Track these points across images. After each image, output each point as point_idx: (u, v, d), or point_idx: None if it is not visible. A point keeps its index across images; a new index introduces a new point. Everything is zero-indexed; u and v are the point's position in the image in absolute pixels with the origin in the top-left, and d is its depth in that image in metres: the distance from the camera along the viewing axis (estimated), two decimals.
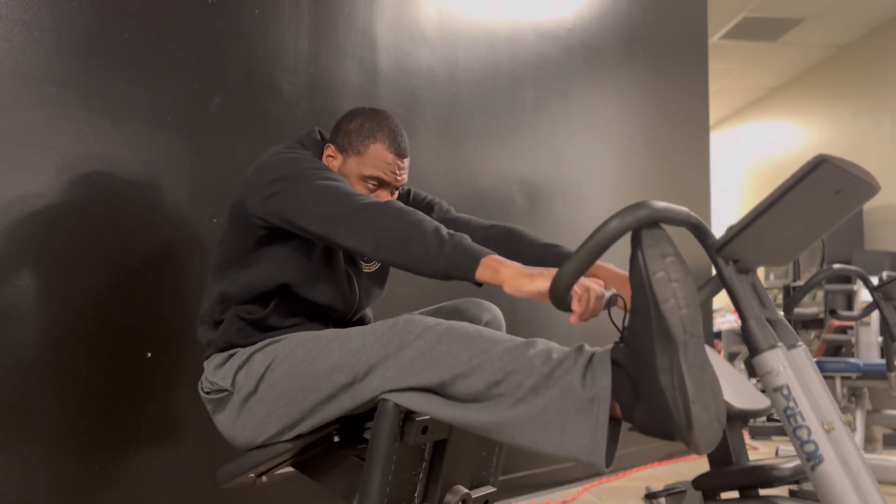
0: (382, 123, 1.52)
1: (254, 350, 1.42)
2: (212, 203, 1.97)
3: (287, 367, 1.35)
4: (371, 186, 1.50)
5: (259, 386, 1.38)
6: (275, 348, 1.40)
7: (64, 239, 1.70)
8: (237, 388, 1.41)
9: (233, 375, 1.41)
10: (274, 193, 1.34)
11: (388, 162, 1.50)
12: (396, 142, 1.51)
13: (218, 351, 1.48)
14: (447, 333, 1.21)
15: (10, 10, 1.64)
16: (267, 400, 1.37)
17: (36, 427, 1.65)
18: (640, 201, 0.99)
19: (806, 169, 0.95)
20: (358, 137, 1.51)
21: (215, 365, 1.46)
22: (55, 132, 1.70)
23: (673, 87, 3.93)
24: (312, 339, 1.36)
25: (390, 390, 1.24)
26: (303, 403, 1.33)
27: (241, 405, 1.40)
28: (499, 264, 1.13)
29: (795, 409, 1.01)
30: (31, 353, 1.64)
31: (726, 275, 1.08)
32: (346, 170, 1.51)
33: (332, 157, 1.54)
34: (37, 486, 1.64)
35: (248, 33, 2.08)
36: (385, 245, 1.21)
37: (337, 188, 1.30)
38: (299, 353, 1.35)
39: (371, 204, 1.25)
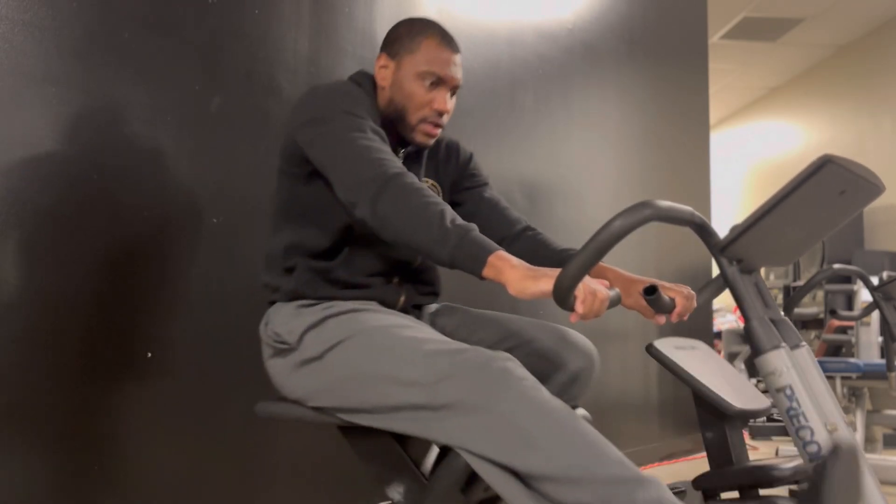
0: (430, 24, 1.50)
1: (329, 314, 1.36)
2: (212, 203, 1.97)
3: (361, 355, 1.28)
4: (429, 85, 1.46)
5: (326, 355, 1.31)
6: (353, 322, 1.33)
7: (63, 238, 1.70)
8: (302, 348, 1.35)
9: (301, 333, 1.36)
10: (307, 138, 1.35)
11: (441, 56, 1.46)
12: (447, 37, 1.49)
13: (287, 300, 1.44)
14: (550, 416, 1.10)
15: (10, 10, 1.64)
16: (330, 373, 1.31)
17: (35, 427, 1.64)
18: (644, 200, 0.99)
19: (811, 169, 0.94)
20: (408, 37, 1.48)
21: (284, 315, 1.41)
22: (55, 132, 1.70)
23: (673, 87, 3.93)
24: (396, 334, 1.27)
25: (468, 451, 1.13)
26: (366, 400, 1.26)
27: (301, 365, 1.35)
28: (504, 264, 1.12)
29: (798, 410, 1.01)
30: (31, 352, 1.64)
31: (730, 275, 1.08)
32: (400, 73, 1.47)
33: (384, 66, 1.50)
34: (36, 486, 1.64)
35: (248, 33, 2.07)
36: (390, 223, 1.20)
37: (357, 148, 1.27)
38: (377, 345, 1.27)
39: (381, 175, 1.22)
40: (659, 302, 1.23)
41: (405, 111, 1.47)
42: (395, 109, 1.48)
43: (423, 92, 1.46)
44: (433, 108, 1.46)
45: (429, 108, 1.46)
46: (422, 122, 1.47)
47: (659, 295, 1.23)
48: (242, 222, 2.02)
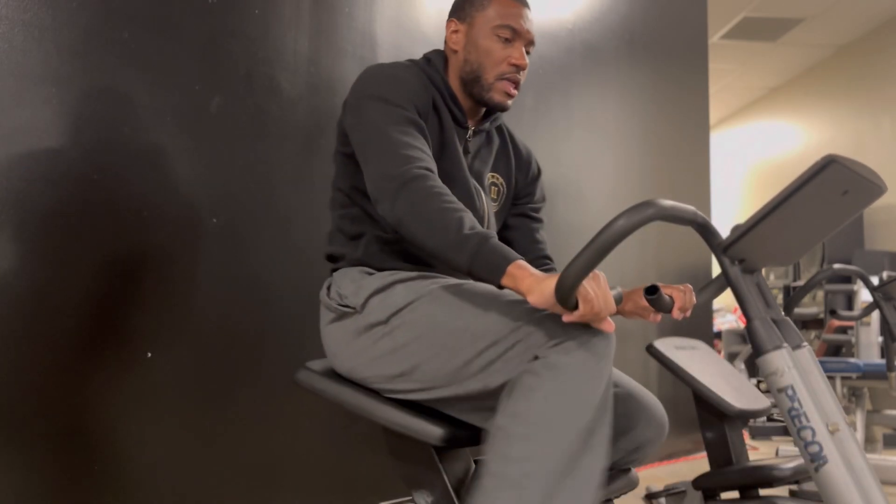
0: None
1: (397, 279, 1.32)
2: (212, 203, 1.96)
3: (427, 315, 1.24)
4: (505, 39, 1.44)
5: (392, 319, 1.28)
6: (420, 286, 1.29)
7: (64, 239, 1.70)
8: (367, 312, 1.31)
9: (367, 296, 1.32)
10: (348, 118, 1.34)
11: (513, 10, 1.46)
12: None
13: (351, 266, 1.41)
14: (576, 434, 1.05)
15: (10, 10, 1.64)
16: (395, 336, 1.27)
17: (35, 427, 1.64)
18: (648, 200, 0.99)
19: (814, 169, 0.94)
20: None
21: (350, 278, 1.38)
22: (55, 132, 1.70)
23: (673, 87, 3.93)
24: (465, 290, 1.24)
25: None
26: (428, 363, 1.22)
27: (364, 330, 1.31)
28: (523, 273, 1.10)
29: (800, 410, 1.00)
30: (31, 352, 1.64)
31: (732, 275, 1.07)
32: (473, 32, 1.46)
33: (455, 31, 1.49)
34: (36, 485, 1.63)
35: (248, 33, 2.07)
36: (408, 225, 1.19)
37: (392, 141, 1.26)
38: (445, 303, 1.23)
39: (405, 173, 1.21)
40: (660, 301, 1.23)
41: (482, 69, 1.44)
42: (472, 70, 1.45)
43: (499, 47, 1.44)
44: (510, 63, 1.44)
45: (506, 64, 1.44)
46: (499, 80, 1.45)
47: (660, 295, 1.23)
48: (242, 222, 2.02)
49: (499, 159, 1.57)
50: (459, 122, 1.48)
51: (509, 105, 1.48)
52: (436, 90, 1.45)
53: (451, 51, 1.50)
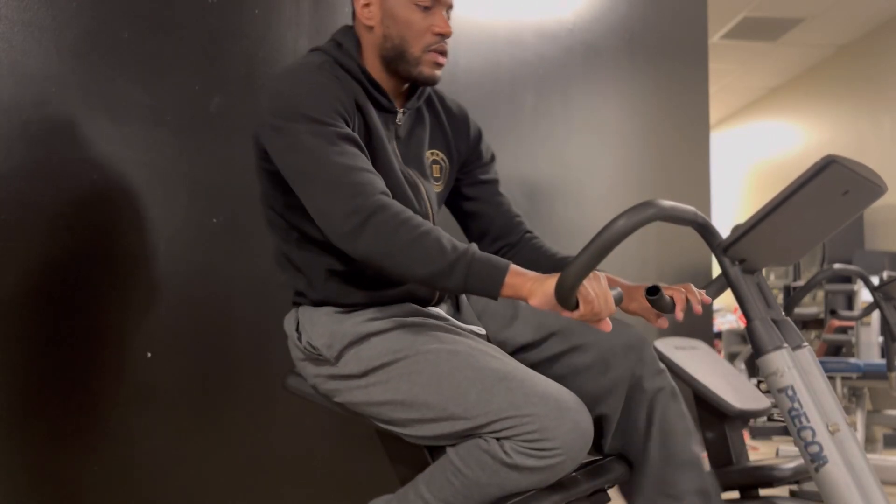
0: None
1: (372, 331, 1.26)
2: (212, 203, 1.96)
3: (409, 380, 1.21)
4: (423, 7, 1.32)
5: (369, 375, 1.25)
6: (399, 341, 1.25)
7: (63, 238, 1.70)
8: (341, 364, 1.27)
9: (340, 350, 1.27)
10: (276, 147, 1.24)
11: None
12: None
13: (313, 304, 1.34)
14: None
15: (10, 10, 1.64)
16: (372, 392, 1.25)
17: (35, 427, 1.64)
18: (648, 200, 0.99)
19: (814, 169, 0.94)
20: None
21: (319, 327, 1.31)
22: (55, 132, 1.70)
23: (673, 86, 3.93)
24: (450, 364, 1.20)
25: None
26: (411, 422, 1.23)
27: (339, 378, 1.29)
28: (522, 279, 1.10)
29: (800, 411, 1.01)
30: (31, 352, 1.64)
31: (732, 275, 1.08)
32: (389, 4, 1.32)
33: (366, 4, 1.34)
34: (35, 485, 1.63)
35: (248, 33, 2.07)
36: (383, 259, 1.14)
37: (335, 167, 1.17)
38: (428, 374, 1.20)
39: (364, 207, 1.14)
40: (661, 302, 1.23)
41: (405, 43, 1.32)
42: (393, 46, 1.33)
43: (419, 17, 1.31)
44: (435, 33, 1.33)
45: (430, 34, 1.32)
46: (426, 52, 1.34)
47: (661, 295, 1.23)
48: (242, 222, 2.02)
49: (434, 134, 1.48)
50: (386, 109, 1.37)
51: (439, 77, 1.38)
52: (355, 83, 1.33)
53: (365, 28, 1.35)
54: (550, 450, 1.10)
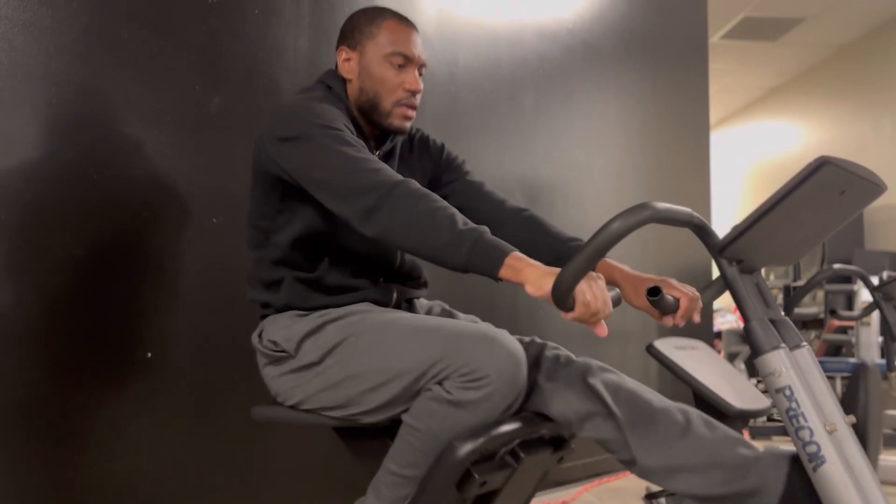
0: (384, 8, 1.50)
1: (327, 319, 1.37)
2: (212, 203, 1.97)
3: (358, 351, 1.31)
4: (398, 65, 1.45)
5: (325, 358, 1.34)
6: (350, 323, 1.35)
7: (63, 238, 1.70)
8: (300, 355, 1.36)
9: (299, 340, 1.36)
10: (286, 155, 1.32)
11: (402, 36, 1.46)
12: (404, 17, 1.49)
13: (277, 311, 1.44)
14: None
15: (10, 10, 1.64)
16: (329, 375, 1.33)
17: (35, 427, 1.64)
18: (643, 202, 1.00)
19: (808, 171, 0.94)
20: (366, 24, 1.47)
21: (281, 325, 1.41)
22: (55, 132, 1.70)
23: (673, 87, 3.93)
24: (391, 327, 1.31)
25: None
26: (367, 393, 1.30)
27: (299, 370, 1.37)
28: (522, 264, 1.12)
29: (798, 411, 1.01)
30: (31, 352, 1.64)
31: (729, 275, 1.08)
32: (365, 60, 1.46)
33: (347, 59, 1.49)
34: (36, 485, 1.64)
35: (248, 33, 2.07)
36: (397, 233, 1.19)
37: (346, 161, 1.26)
38: (373, 341, 1.31)
39: (381, 184, 1.21)
40: (662, 303, 1.23)
41: (378, 97, 1.46)
42: (368, 99, 1.47)
43: (392, 74, 1.45)
44: (406, 89, 1.45)
45: (401, 90, 1.45)
46: (396, 106, 1.46)
47: (662, 296, 1.23)
48: (242, 222, 2.01)
49: (401, 163, 1.59)
50: (365, 142, 1.49)
51: (408, 128, 1.50)
52: (346, 117, 1.45)
53: (346, 78, 1.50)
54: (484, 378, 1.18)
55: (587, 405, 1.29)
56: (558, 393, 1.32)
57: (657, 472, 1.23)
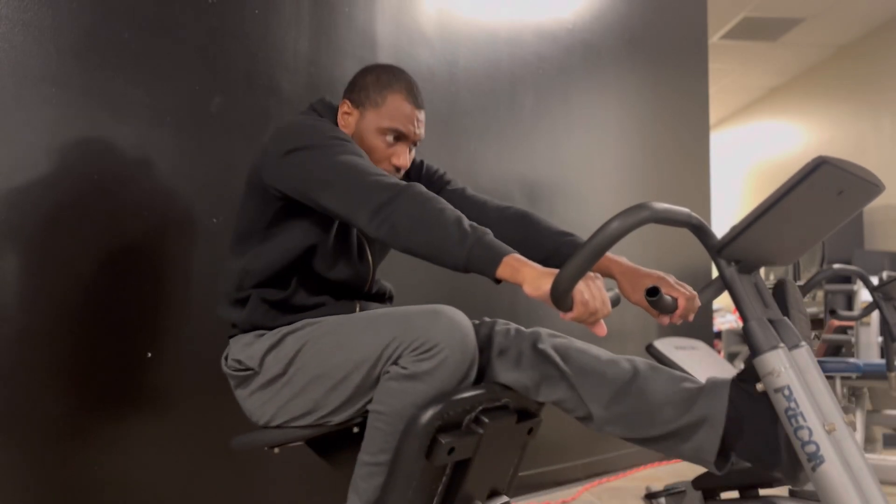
0: (399, 76, 1.50)
1: (286, 332, 1.40)
2: (212, 203, 1.97)
3: (318, 352, 1.34)
4: (390, 140, 1.47)
5: (288, 369, 1.37)
6: (308, 332, 1.38)
7: (64, 238, 1.70)
8: (265, 369, 1.39)
9: (261, 356, 1.39)
10: (291, 165, 1.32)
11: (405, 113, 1.47)
12: (413, 93, 1.49)
13: (244, 332, 1.46)
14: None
15: (10, 10, 1.64)
16: (295, 383, 1.36)
17: (35, 427, 1.64)
18: (642, 203, 1.00)
19: (805, 171, 0.95)
20: (375, 89, 1.48)
21: (243, 344, 1.44)
22: (55, 132, 1.70)
23: (673, 87, 3.93)
24: (345, 324, 1.35)
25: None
26: (331, 391, 1.33)
27: (266, 385, 1.40)
28: (520, 264, 1.13)
29: (797, 410, 1.01)
30: (31, 352, 1.64)
31: (727, 275, 1.08)
32: (363, 124, 1.48)
33: (347, 113, 1.51)
34: (36, 485, 1.64)
35: (248, 33, 2.08)
36: (405, 233, 1.20)
37: (356, 165, 1.28)
38: (330, 340, 1.34)
39: (391, 186, 1.22)
40: (661, 303, 1.23)
41: None
42: None
43: (383, 147, 1.48)
44: (392, 164, 1.48)
45: (388, 163, 1.48)
46: None
47: (661, 297, 1.23)
48: None
49: None
50: None
51: None
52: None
53: (341, 127, 1.52)
54: (434, 347, 1.23)
55: (540, 369, 1.33)
56: (512, 362, 1.37)
57: (612, 420, 1.27)
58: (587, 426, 1.32)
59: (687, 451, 1.23)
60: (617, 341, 3.36)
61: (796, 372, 1.03)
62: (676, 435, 1.23)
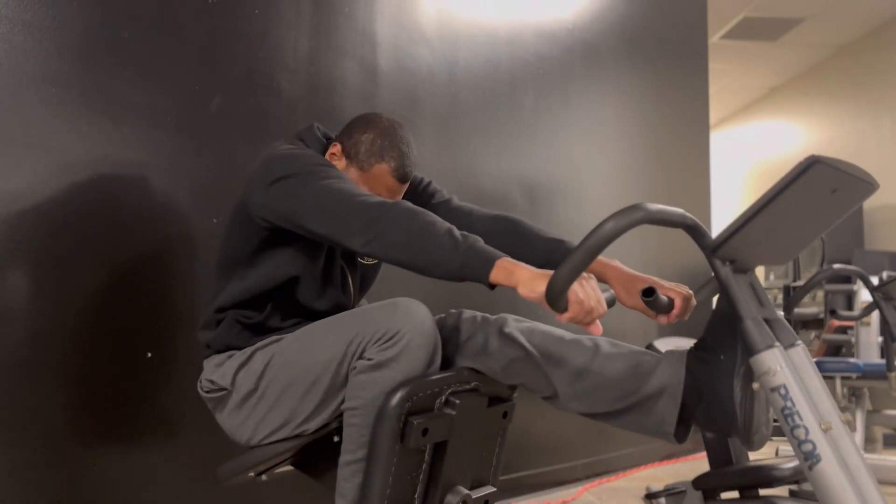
0: (395, 144, 1.49)
1: (255, 349, 1.43)
2: (212, 203, 1.97)
3: (285, 362, 1.37)
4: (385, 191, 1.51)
5: (259, 383, 1.39)
6: (274, 345, 1.41)
7: (64, 239, 1.70)
8: (237, 387, 1.42)
9: (233, 374, 1.42)
10: (278, 193, 1.33)
11: (388, 186, 1.49)
12: (403, 167, 1.49)
13: (217, 352, 1.49)
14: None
15: (10, 10, 1.65)
16: (268, 396, 1.39)
17: (35, 427, 1.65)
18: (636, 203, 1.00)
19: (798, 170, 0.95)
20: (367, 153, 1.48)
21: (214, 364, 1.47)
22: (55, 132, 1.70)
23: (673, 87, 3.93)
24: (308, 330, 1.38)
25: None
26: (304, 397, 1.35)
27: (241, 403, 1.42)
28: (514, 266, 1.13)
29: (793, 409, 1.01)
30: (31, 352, 1.65)
31: (723, 275, 1.08)
32: (346, 174, 1.49)
33: (335, 155, 1.52)
34: (36, 485, 1.64)
35: (248, 33, 2.08)
36: (396, 246, 1.20)
37: (343, 188, 1.29)
38: (296, 347, 1.37)
39: (380, 204, 1.23)
40: (657, 304, 1.24)
41: None
42: None
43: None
44: None
45: None
46: None
47: (657, 297, 1.23)
48: None
49: None
50: None
51: None
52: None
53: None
54: (396, 334, 1.26)
55: (507, 352, 1.35)
56: (479, 347, 1.38)
57: (576, 397, 1.29)
58: (553, 405, 1.35)
59: (649, 424, 1.24)
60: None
61: (792, 371, 1.03)
62: (637, 408, 1.25)
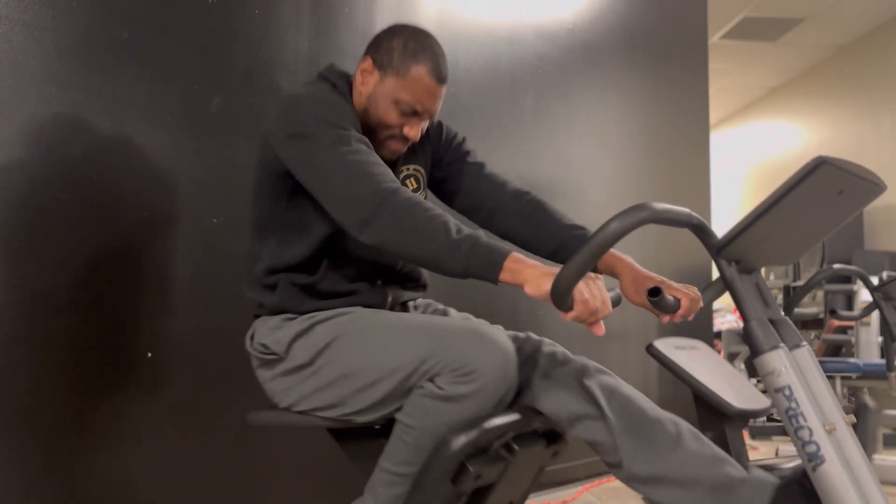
0: (426, 46, 1.42)
1: (316, 320, 1.37)
2: (212, 203, 1.97)
3: (349, 350, 1.31)
4: (404, 111, 1.42)
5: (316, 359, 1.34)
6: (340, 323, 1.35)
7: (64, 238, 1.70)
8: (291, 356, 1.36)
9: (288, 343, 1.36)
10: (293, 151, 1.31)
11: (427, 89, 1.41)
12: (439, 68, 1.42)
13: (271, 314, 1.43)
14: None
15: (10, 10, 1.64)
16: (321, 376, 1.33)
17: (36, 426, 1.64)
18: (641, 203, 1.00)
19: (805, 171, 0.95)
20: (401, 57, 1.40)
21: (270, 327, 1.41)
22: (55, 132, 1.70)
23: (673, 86, 3.93)
24: (380, 326, 1.32)
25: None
26: (359, 392, 1.30)
27: (291, 372, 1.37)
28: (521, 265, 1.12)
29: (797, 410, 1.01)
30: (32, 352, 1.64)
31: (728, 275, 1.08)
32: (381, 88, 1.42)
33: (367, 71, 1.44)
34: (36, 485, 1.64)
35: (248, 33, 2.08)
36: (394, 243, 1.19)
37: (353, 161, 1.25)
38: (363, 340, 1.31)
39: (378, 192, 1.21)
40: (663, 303, 1.23)
41: (376, 127, 1.44)
42: (367, 122, 1.44)
43: (396, 117, 1.42)
44: (403, 133, 1.44)
45: (399, 130, 1.43)
46: (389, 139, 1.45)
47: (663, 296, 1.23)
48: (242, 222, 2.01)
49: (408, 154, 1.55)
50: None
51: (396, 155, 1.49)
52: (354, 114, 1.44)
53: (357, 89, 1.46)
54: (474, 372, 1.19)
55: (581, 406, 1.30)
56: (553, 391, 1.34)
57: (642, 479, 1.24)
58: (614, 473, 1.29)
59: None
60: (617, 341, 3.36)
61: (797, 372, 1.03)
62: None
